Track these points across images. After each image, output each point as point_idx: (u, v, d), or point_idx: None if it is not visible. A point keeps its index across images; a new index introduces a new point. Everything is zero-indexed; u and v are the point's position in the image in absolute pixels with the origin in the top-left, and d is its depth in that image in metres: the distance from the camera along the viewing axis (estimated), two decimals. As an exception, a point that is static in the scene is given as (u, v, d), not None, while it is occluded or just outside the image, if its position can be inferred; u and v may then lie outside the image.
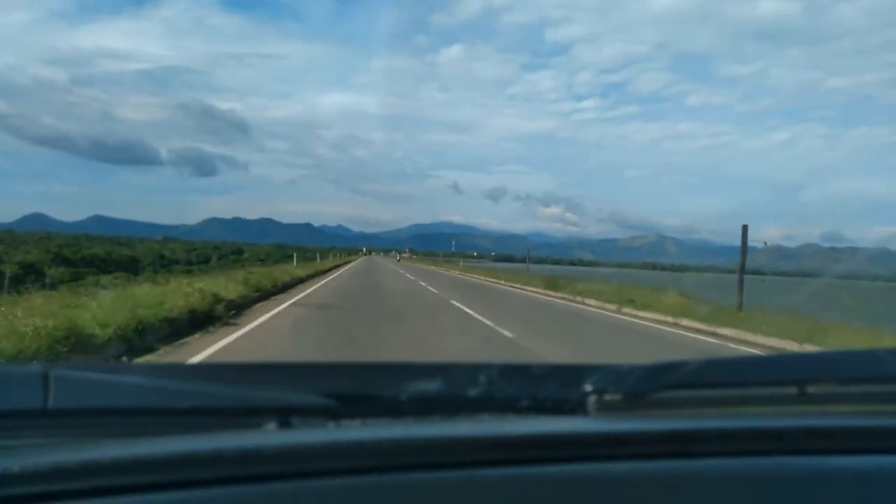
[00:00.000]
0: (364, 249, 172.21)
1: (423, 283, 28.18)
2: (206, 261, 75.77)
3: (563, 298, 21.48)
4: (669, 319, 14.59)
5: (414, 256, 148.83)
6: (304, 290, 19.91)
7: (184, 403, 0.96)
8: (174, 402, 0.97)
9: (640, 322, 15.06)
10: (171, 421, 0.97)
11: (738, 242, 15.36)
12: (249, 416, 0.98)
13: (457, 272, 48.07)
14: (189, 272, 44.51)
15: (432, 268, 60.84)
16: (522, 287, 28.04)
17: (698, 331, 13.19)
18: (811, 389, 1.14)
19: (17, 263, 35.82)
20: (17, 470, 0.76)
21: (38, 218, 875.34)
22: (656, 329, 13.70)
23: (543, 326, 13.91)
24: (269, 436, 0.92)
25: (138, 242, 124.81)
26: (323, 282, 26.15)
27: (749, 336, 11.79)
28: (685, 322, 14.03)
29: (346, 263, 56.23)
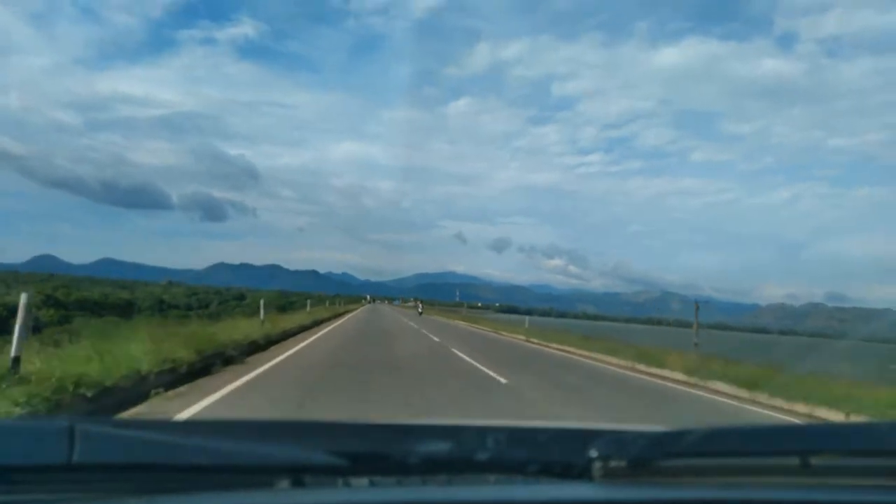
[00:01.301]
0: (368, 297, 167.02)
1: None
2: (206, 306, 74.98)
3: None
4: None
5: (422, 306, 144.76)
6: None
7: (202, 460, 1.00)
8: (192, 458, 1.01)
9: None
10: (189, 477, 1.01)
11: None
12: (263, 473, 1.03)
13: (521, 338, 28.68)
14: (185, 317, 43.64)
15: (471, 327, 40.49)
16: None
17: None
18: (814, 461, 1.16)
19: (2, 305, 34.83)
20: None
21: (47, 259, 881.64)
22: None
23: None
24: (282, 495, 0.98)
25: (142, 286, 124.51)
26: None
27: None
28: None
29: (337, 317, 37.75)
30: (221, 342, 11.45)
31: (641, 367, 16.53)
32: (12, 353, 6.16)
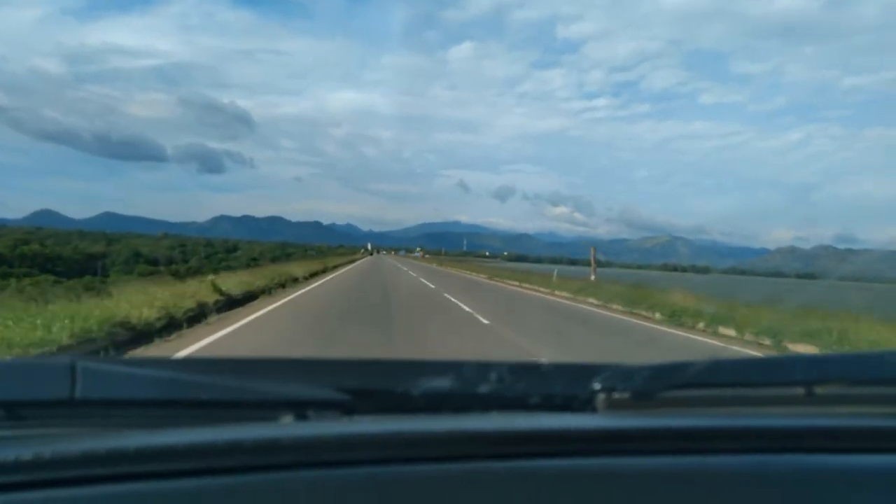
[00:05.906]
0: (368, 247, 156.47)
1: None
2: (188, 260, 69.30)
3: None
4: None
5: (427, 256, 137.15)
6: None
7: (204, 396, 1.00)
8: (195, 394, 1.01)
9: None
10: (192, 412, 1.02)
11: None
12: (267, 408, 1.03)
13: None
14: (154, 273, 38.10)
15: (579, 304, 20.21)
16: None
17: None
18: (818, 390, 1.17)
19: None
20: (49, 456, 0.80)
21: (47, 214, 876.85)
22: None
23: None
24: (286, 428, 0.98)
25: (135, 239, 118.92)
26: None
27: None
28: None
29: (300, 283, 22.69)
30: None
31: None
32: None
